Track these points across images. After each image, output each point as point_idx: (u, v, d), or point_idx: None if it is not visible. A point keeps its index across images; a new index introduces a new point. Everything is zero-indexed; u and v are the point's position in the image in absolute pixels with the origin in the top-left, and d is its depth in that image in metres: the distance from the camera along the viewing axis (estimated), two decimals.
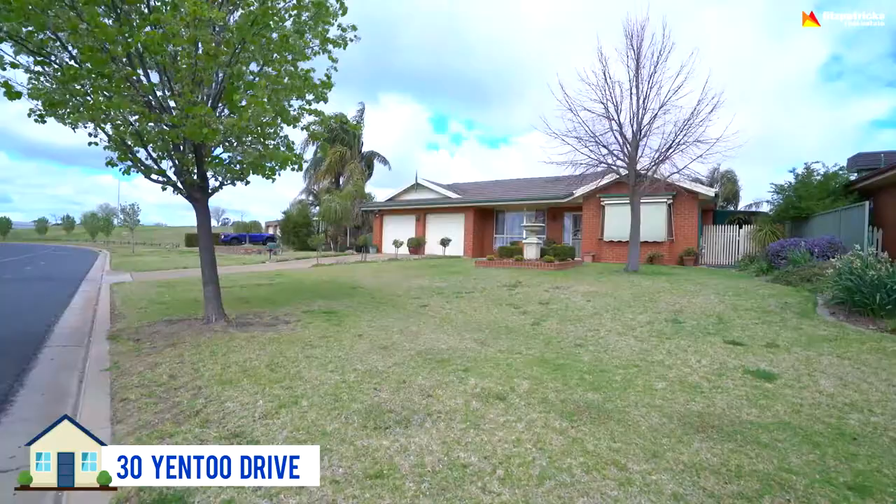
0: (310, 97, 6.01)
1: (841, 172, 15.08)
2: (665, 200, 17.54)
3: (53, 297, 9.21)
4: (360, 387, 3.58)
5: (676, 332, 5.40)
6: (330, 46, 5.96)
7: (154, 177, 5.73)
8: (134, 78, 4.70)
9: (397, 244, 20.37)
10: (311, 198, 35.54)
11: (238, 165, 5.96)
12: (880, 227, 12.53)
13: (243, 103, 5.43)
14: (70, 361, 4.72)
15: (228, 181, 6.33)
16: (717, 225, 19.36)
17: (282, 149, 6.27)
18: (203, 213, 6.02)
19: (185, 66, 4.60)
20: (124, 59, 4.52)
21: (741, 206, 32.89)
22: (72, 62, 4.64)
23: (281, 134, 6.15)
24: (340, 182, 34.61)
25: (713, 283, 9.36)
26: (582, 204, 19.78)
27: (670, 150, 10.78)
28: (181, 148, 5.61)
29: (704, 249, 18.14)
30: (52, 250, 34.19)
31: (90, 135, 5.46)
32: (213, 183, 6.26)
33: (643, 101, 10.90)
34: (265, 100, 4.84)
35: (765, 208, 25.00)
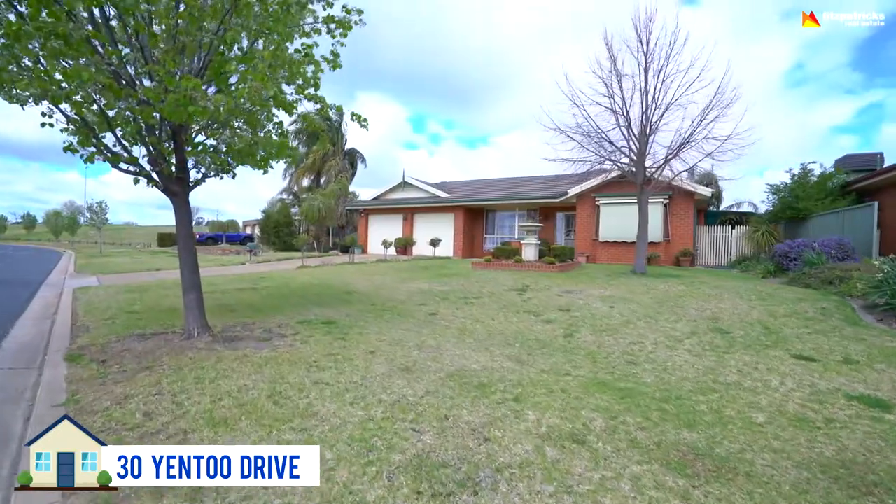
0: (299, 82, 5.15)
1: (833, 173, 15.01)
2: (662, 200, 17.25)
3: (4, 304, 8.06)
4: (393, 427, 2.83)
5: (730, 345, 4.83)
6: (332, 26, 5.15)
7: (124, 166, 4.81)
8: (98, 42, 3.82)
9: (387, 244, 19.52)
10: (290, 197, 34.22)
11: (225, 154, 5.09)
12: (879, 228, 12.41)
13: (234, 79, 4.60)
14: (16, 390, 3.80)
15: (213, 173, 5.46)
16: (708, 226, 19.23)
17: (274, 137, 5.45)
18: (183, 209, 5.12)
19: (164, 27, 3.74)
20: (85, 15, 3.63)
21: (722, 207, 33.24)
22: (18, 19, 3.72)
23: (275, 120, 5.31)
24: (321, 181, 33.45)
25: (730, 286, 8.94)
26: (576, 203, 19.35)
27: (683, 147, 10.33)
28: (157, 131, 4.72)
29: (699, 250, 17.95)
30: (11, 250, 31.85)
31: (43, 114, 4.51)
32: (194, 175, 5.38)
33: (653, 96, 10.43)
34: (267, 73, 4.00)
35: (745, 208, 25.18)
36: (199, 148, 5.11)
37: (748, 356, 4.40)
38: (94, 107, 4.42)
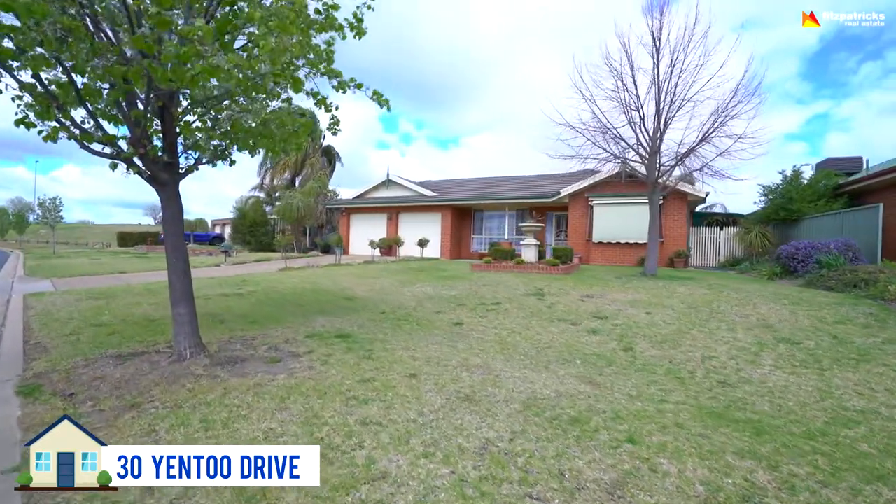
0: (311, 56, 4.27)
1: (826, 175, 15.11)
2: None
3: None
4: (501, 494, 2.07)
5: (816, 360, 4.31)
6: None
7: (97, 147, 3.82)
8: None
9: (373, 245, 18.56)
10: (262, 195, 32.53)
11: (231, 135, 4.15)
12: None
13: (239, 43, 3.72)
14: None
15: (207, 159, 4.52)
16: (696, 227, 19.26)
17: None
18: (172, 201, 4.16)
19: None
20: None
21: (698, 209, 33.83)
22: None
23: (288, 94, 4.42)
24: (297, 180, 31.98)
25: (750, 289, 8.59)
26: (568, 203, 18.97)
27: (701, 142, 9.95)
28: (142, 103, 3.77)
29: (692, 251, 17.90)
30: None
31: None
32: (184, 161, 4.42)
33: (667, 91, 10.02)
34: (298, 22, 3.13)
35: (717, 210, 25.55)
36: (196, 125, 4.16)
37: (850, 373, 3.88)
38: (57, 69, 3.44)
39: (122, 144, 3.91)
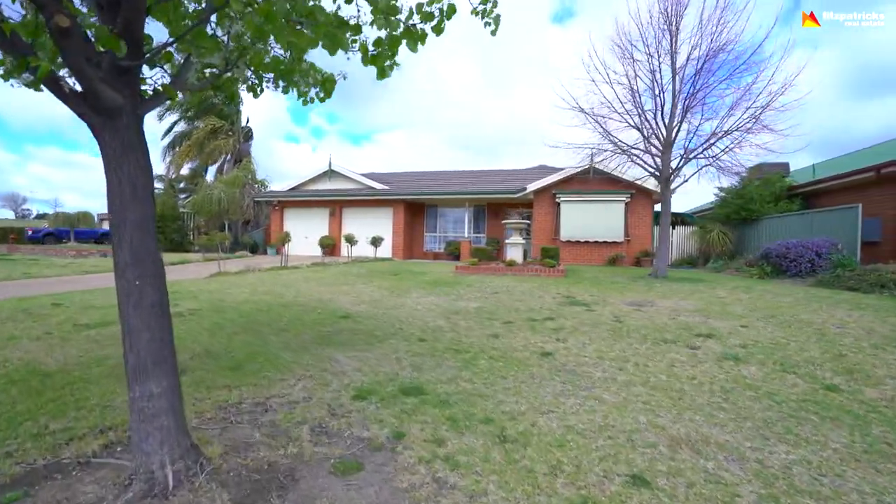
0: None
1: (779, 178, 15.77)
2: (623, 199, 16.81)
3: None
4: None
5: None
6: None
7: None
8: None
9: (326, 244, 16.00)
10: (168, 186, 27.53)
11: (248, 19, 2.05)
12: None
13: None
14: None
15: (204, 81, 2.35)
16: (655, 226, 19.53)
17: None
18: (129, 151, 1.94)
19: None
20: None
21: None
22: None
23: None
24: (210, 169, 27.57)
25: (780, 291, 8.08)
26: (533, 200, 18.07)
27: (719, 137, 9.30)
28: None
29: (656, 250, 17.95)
30: None
31: None
32: (150, 78, 2.21)
33: (686, 78, 9.24)
34: None
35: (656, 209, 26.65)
36: (184, 10, 2.00)
37: None
38: None
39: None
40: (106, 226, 36.90)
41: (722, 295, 7.64)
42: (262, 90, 2.84)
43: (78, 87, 1.80)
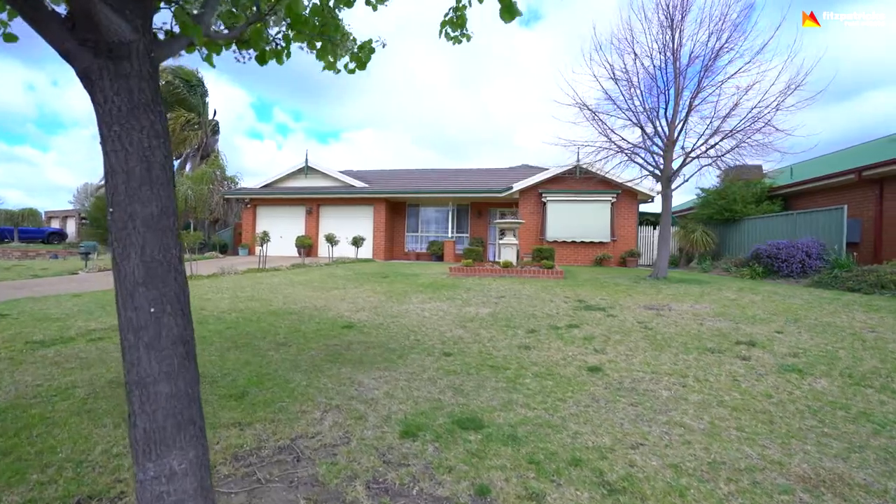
0: None
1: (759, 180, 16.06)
2: (610, 199, 16.75)
3: None
4: None
5: None
6: None
7: None
8: None
9: (304, 244, 15.11)
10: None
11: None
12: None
13: None
14: None
15: (234, 30, 1.73)
16: (638, 226, 19.62)
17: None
18: (136, 107, 1.31)
19: None
20: None
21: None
22: None
23: None
24: (175, 163, 25.88)
25: (781, 292, 8.02)
26: (518, 200, 17.77)
27: (723, 137, 9.16)
28: None
29: (640, 250, 18.02)
30: None
31: None
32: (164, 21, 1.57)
33: (686, 74, 9.08)
34: None
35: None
36: None
37: None
38: None
39: None
40: (56, 224, 33.89)
41: (732, 297, 7.46)
42: (288, 54, 2.25)
43: (64, 10, 1.16)
